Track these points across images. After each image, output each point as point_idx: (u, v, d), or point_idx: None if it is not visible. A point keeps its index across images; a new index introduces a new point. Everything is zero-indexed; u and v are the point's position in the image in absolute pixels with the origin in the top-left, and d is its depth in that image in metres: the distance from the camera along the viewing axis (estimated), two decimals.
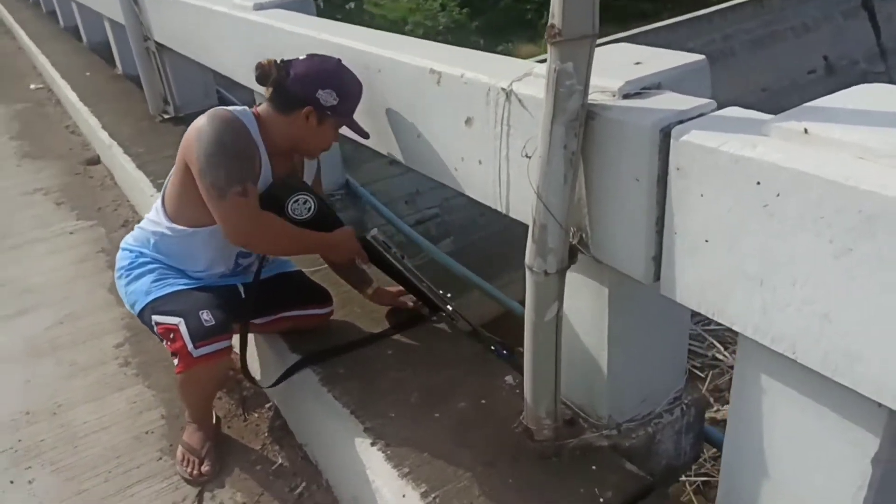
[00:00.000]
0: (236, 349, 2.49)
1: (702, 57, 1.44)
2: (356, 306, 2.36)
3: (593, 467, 1.64)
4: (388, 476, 1.66)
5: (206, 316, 1.77)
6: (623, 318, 1.59)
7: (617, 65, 1.45)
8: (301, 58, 1.84)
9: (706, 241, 1.18)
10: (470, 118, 1.68)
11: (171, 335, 1.77)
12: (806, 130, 1.03)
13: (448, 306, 2.19)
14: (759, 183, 1.05)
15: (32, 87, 6.99)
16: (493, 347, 2.16)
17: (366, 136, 1.98)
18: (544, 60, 1.29)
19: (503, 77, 1.56)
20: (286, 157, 1.92)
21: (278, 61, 1.81)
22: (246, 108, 1.85)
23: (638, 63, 1.44)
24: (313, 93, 1.78)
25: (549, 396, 1.59)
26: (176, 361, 1.79)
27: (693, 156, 1.15)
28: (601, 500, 1.55)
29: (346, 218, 3.56)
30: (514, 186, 1.60)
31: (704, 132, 1.14)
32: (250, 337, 2.28)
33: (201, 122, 1.75)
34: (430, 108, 1.84)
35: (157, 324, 1.82)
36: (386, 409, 1.88)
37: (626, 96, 1.33)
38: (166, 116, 4.77)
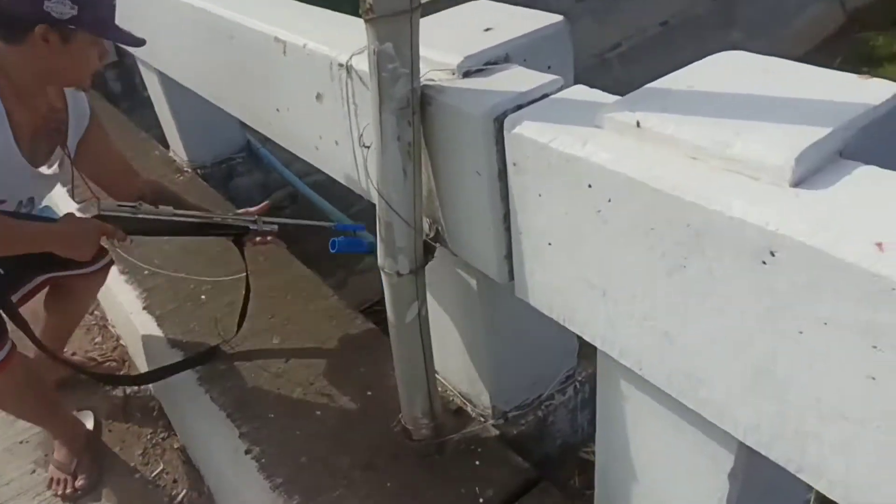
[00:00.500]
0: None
1: (559, 18, 1.27)
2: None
3: (477, 463, 1.55)
4: (260, 489, 1.55)
5: None
6: (497, 307, 1.47)
7: (463, 33, 1.27)
8: None
9: (549, 244, 1.04)
10: (320, 94, 1.49)
11: None
12: (639, 123, 0.88)
13: (254, 221, 1.81)
14: (590, 186, 0.91)
15: None
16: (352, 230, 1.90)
17: (139, 43, 1.54)
18: None
19: (345, 48, 1.36)
20: (41, 97, 1.54)
21: None
22: None
23: (488, 29, 1.26)
24: (40, 6, 1.37)
25: (423, 397, 1.48)
26: None
27: (526, 151, 1.00)
28: (481, 499, 1.47)
29: (250, 182, 3.38)
30: (370, 172, 1.44)
31: (537, 123, 0.99)
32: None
33: None
34: (283, 80, 1.63)
35: None
36: (265, 409, 1.76)
37: (466, 74, 1.16)
38: None
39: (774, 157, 0.75)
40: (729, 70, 0.97)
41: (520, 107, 1.05)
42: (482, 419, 1.64)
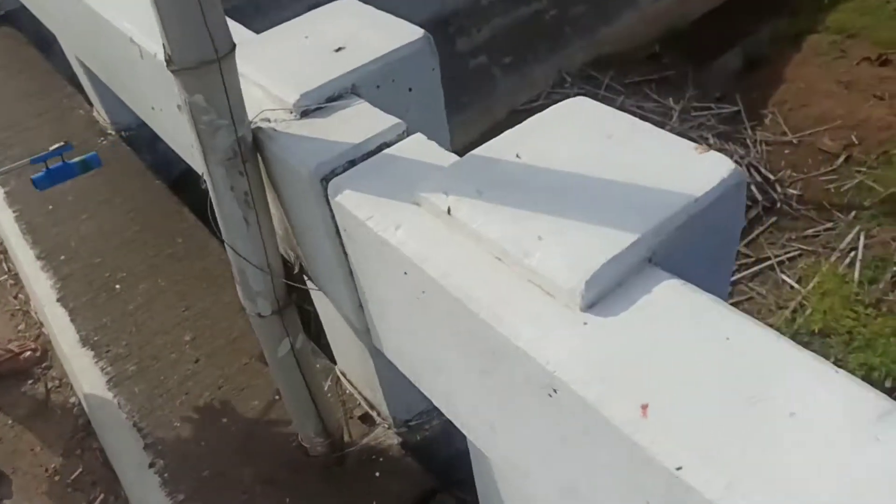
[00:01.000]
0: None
1: (420, 34, 1.14)
2: (161, 278, 2.15)
3: (377, 474, 1.55)
4: None
5: None
6: None
7: (311, 54, 1.14)
8: None
9: (388, 308, 0.98)
10: (180, 105, 1.37)
11: None
12: (450, 210, 0.80)
13: None
14: (406, 273, 0.84)
15: None
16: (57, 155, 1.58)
17: None
18: None
19: None
20: None
21: None
22: None
23: (339, 49, 1.14)
24: None
25: (313, 421, 1.46)
26: None
27: (350, 222, 0.92)
28: None
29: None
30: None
31: (358, 194, 0.90)
32: None
33: None
34: (147, 82, 1.50)
35: None
36: (172, 416, 1.74)
37: (304, 114, 1.05)
38: None
39: (566, 279, 0.68)
40: (567, 131, 0.87)
41: (352, 162, 0.96)
42: (386, 426, 1.63)
